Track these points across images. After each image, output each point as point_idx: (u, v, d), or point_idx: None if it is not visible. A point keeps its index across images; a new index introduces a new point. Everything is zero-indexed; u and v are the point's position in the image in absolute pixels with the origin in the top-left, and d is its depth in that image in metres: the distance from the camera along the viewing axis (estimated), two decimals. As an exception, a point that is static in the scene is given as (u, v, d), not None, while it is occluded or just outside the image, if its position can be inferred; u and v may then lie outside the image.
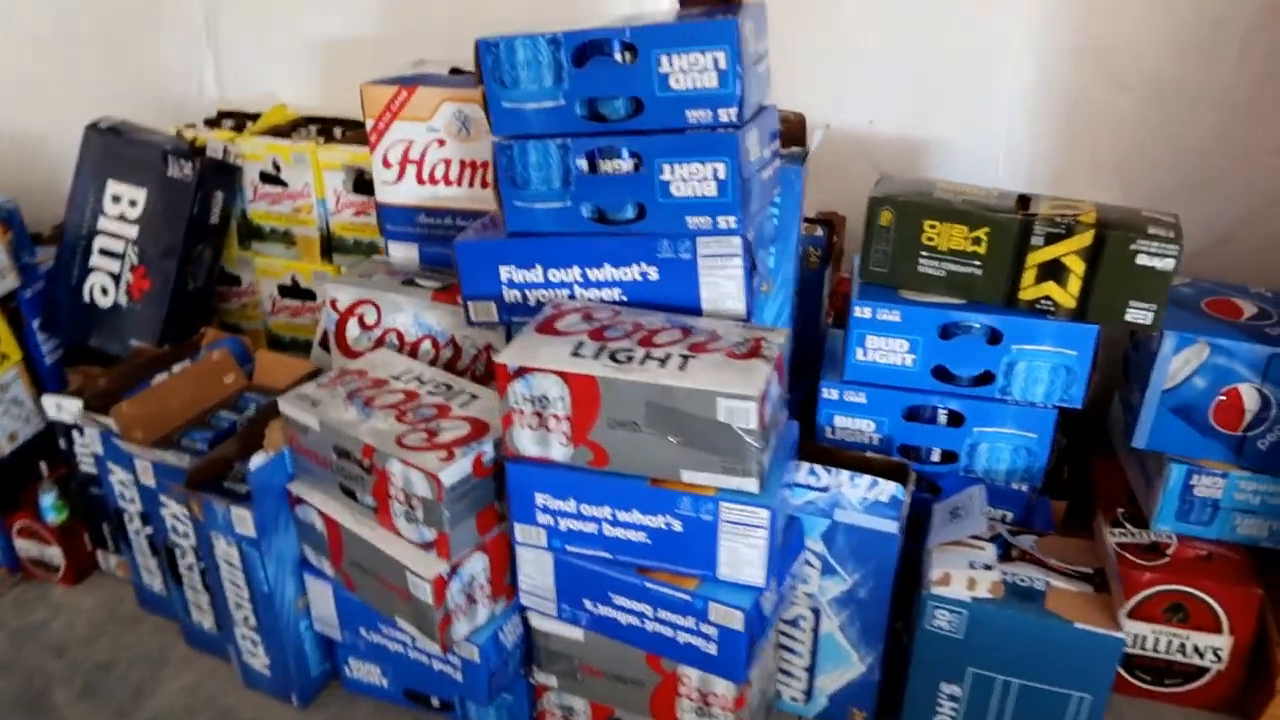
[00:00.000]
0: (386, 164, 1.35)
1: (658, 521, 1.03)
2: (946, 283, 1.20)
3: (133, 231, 1.60)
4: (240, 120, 1.83)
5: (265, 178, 1.67)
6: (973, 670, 1.15)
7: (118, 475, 1.39)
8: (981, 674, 1.15)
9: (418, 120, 1.31)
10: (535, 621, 1.17)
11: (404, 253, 1.41)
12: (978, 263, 1.18)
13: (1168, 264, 1.10)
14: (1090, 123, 1.51)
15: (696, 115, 1.04)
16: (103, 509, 1.49)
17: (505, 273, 1.17)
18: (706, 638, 1.06)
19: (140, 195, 1.59)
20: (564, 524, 1.07)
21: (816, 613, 1.23)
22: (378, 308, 1.32)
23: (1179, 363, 1.22)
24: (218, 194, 1.64)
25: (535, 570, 1.13)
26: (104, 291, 1.62)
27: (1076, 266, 1.14)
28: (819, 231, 1.39)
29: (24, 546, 1.57)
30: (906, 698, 1.19)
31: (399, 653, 1.24)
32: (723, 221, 1.07)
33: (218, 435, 1.32)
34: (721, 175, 1.04)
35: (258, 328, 1.80)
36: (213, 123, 1.84)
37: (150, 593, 1.49)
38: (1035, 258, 1.15)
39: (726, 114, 1.03)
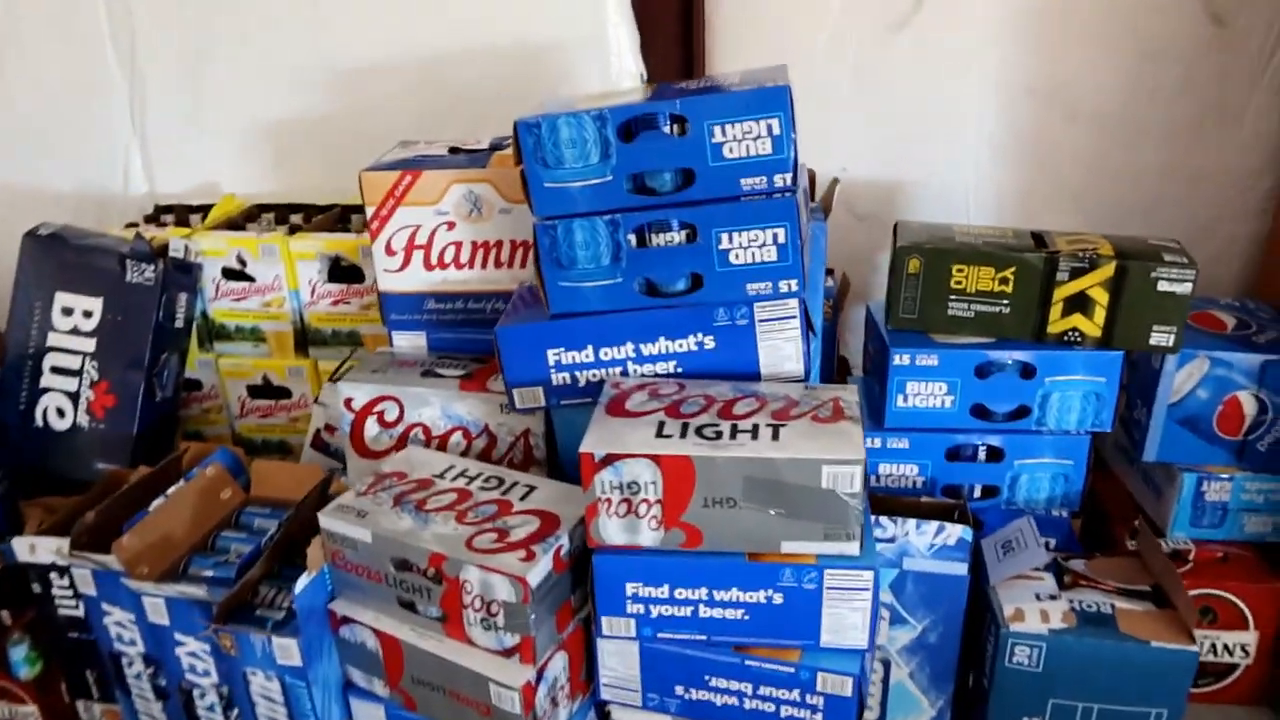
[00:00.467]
0: (390, 251, 1.29)
1: (758, 597, 1.01)
2: (976, 323, 1.23)
3: (90, 345, 1.47)
4: (181, 214, 1.72)
5: (229, 274, 1.57)
6: (1053, 701, 1.17)
7: (115, 616, 1.26)
8: (1062, 704, 1.17)
9: (425, 204, 1.26)
10: (617, 714, 1.12)
11: (410, 341, 1.35)
12: (1005, 301, 1.21)
13: (1186, 287, 1.17)
14: (1049, 156, 1.59)
15: (751, 182, 1.04)
16: (89, 655, 1.34)
17: (553, 356, 1.13)
18: (813, 709, 1.03)
19: (96, 305, 1.47)
20: (655, 610, 1.04)
21: (886, 664, 1.22)
22: (400, 403, 1.25)
23: (1182, 377, 1.29)
24: (181, 296, 1.53)
25: (618, 662, 1.09)
26: (60, 413, 1.48)
27: (1101, 298, 1.19)
28: (830, 282, 1.41)
29: (-10, 708, 1.40)
30: (987, 736, 1.20)
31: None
32: (784, 285, 1.06)
33: (241, 561, 1.22)
34: (782, 240, 1.04)
35: (222, 433, 1.68)
36: (152, 219, 1.72)
37: (151, 741, 1.35)
38: (1061, 292, 1.20)
39: (781, 179, 1.03)
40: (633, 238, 1.07)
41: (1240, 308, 1.41)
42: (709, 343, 1.10)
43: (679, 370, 1.12)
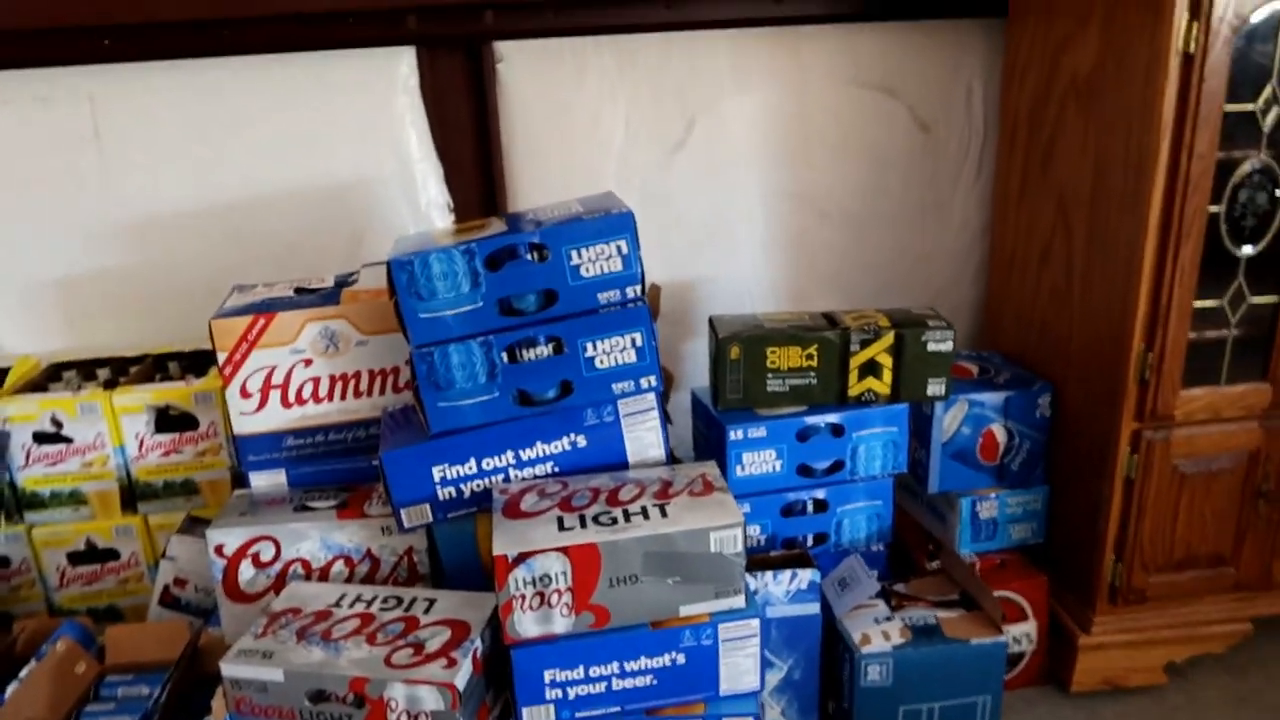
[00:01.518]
0: (245, 394, 1.31)
1: (663, 660, 1.12)
2: (791, 395, 1.44)
3: (-110, 534, 1.35)
4: (-34, 380, 1.61)
5: (41, 438, 1.50)
6: (903, 708, 1.36)
7: (-28, 823, 1.16)
8: (911, 709, 1.36)
9: (280, 345, 1.30)
10: (542, 801, 1.18)
11: (269, 480, 1.36)
12: (813, 374, 1.43)
13: (949, 345, 1.44)
14: (810, 248, 1.87)
15: (607, 296, 1.19)
16: None
17: (438, 472, 1.20)
18: (723, 754, 1.15)
19: (-105, 489, 1.35)
20: (573, 692, 1.12)
21: (761, 705, 1.37)
22: (276, 542, 1.26)
23: (949, 419, 1.56)
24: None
25: (538, 750, 1.16)
26: None
27: (886, 361, 1.43)
28: (657, 373, 1.58)
29: None
30: (854, 753, 1.37)
31: None
32: (644, 382, 1.21)
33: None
34: (639, 343, 1.20)
35: (37, 608, 1.57)
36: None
37: None
38: (856, 360, 1.43)
39: (633, 290, 1.19)
40: (505, 355, 1.18)
41: (978, 357, 1.73)
42: (581, 441, 1.23)
43: (556, 470, 1.23)
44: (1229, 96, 1.31)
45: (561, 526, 1.10)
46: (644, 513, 1.11)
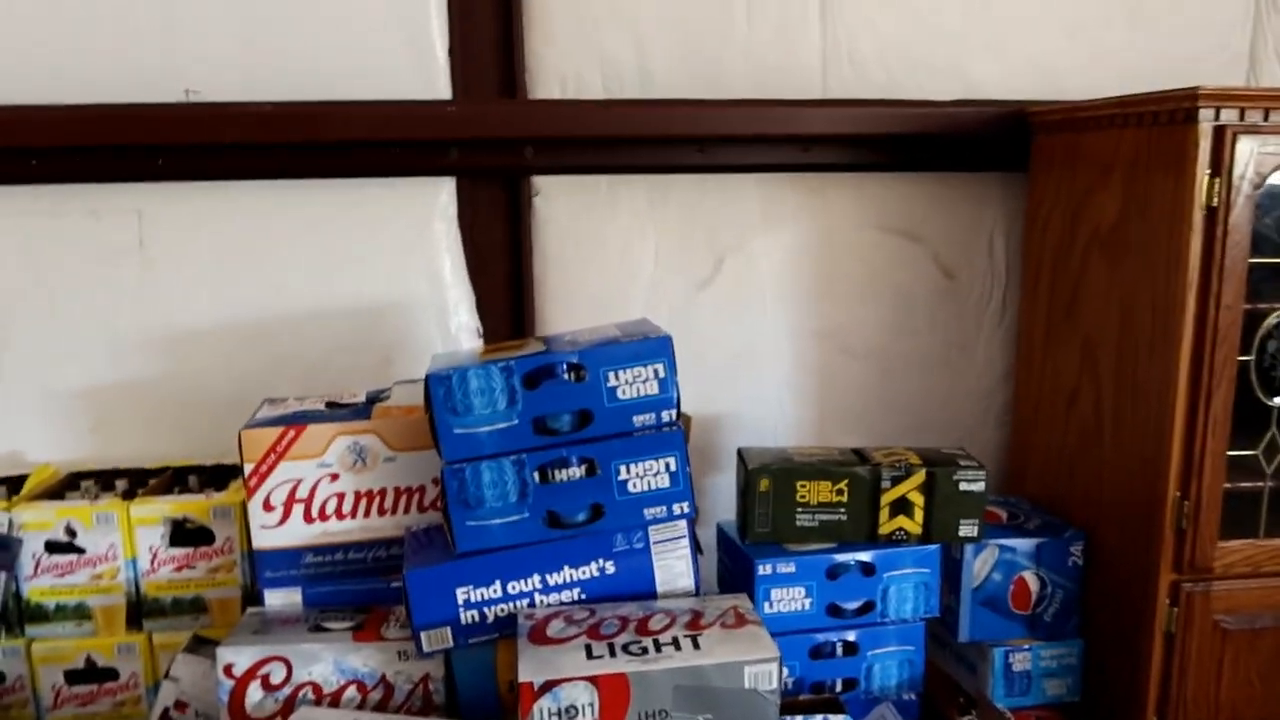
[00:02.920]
0: (269, 507, 1.29)
1: (692, 806, 1.06)
2: (820, 531, 1.41)
3: (-114, 642, 1.30)
4: (-22, 488, 1.59)
5: (53, 547, 1.46)
6: None
7: None
8: None
9: (308, 458, 1.29)
10: None
11: (284, 599, 1.32)
12: (843, 510, 1.41)
13: (981, 486, 1.42)
14: (835, 386, 1.88)
15: (642, 419, 1.18)
16: None
17: (462, 594, 1.17)
18: None
19: (-101, 595, 1.31)
20: (596, 838, 1.05)
21: None
22: (288, 663, 1.21)
23: (979, 565, 1.53)
24: (1, 575, 1.40)
25: None
26: None
27: (918, 500, 1.41)
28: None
29: None
30: None
31: None
32: (677, 507, 1.19)
33: None
34: (673, 468, 1.18)
35: (25, 731, 1.49)
36: (-52, 492, 1.58)
37: None
38: (887, 498, 1.41)
39: (668, 414, 1.19)
40: (536, 475, 1.17)
41: (1006, 502, 1.70)
42: (609, 568, 1.20)
43: (582, 596, 1.19)
44: (1253, 250, 1.34)
45: (590, 655, 1.06)
46: (675, 643, 1.08)
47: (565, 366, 1.17)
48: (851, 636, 1.41)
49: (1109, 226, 1.50)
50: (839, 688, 1.42)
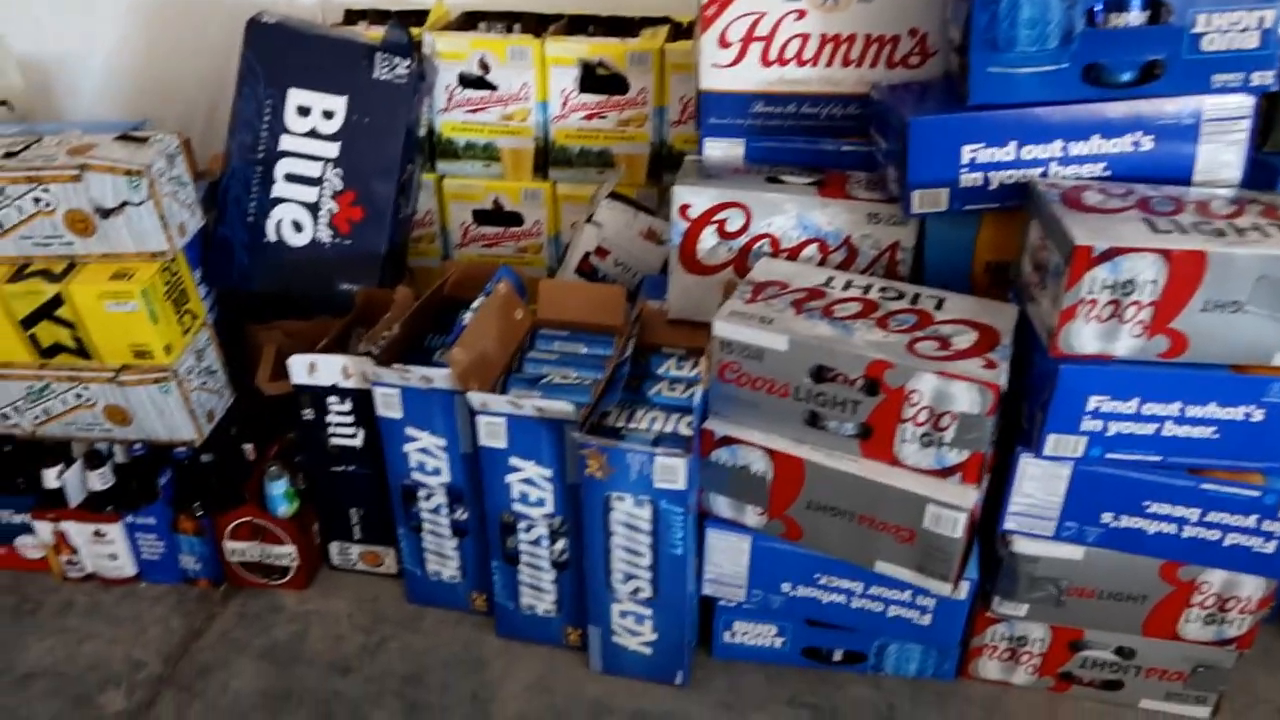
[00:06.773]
0: (724, 43, 1.14)
1: (1235, 413, 0.93)
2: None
3: (331, 150, 1.29)
4: (376, 21, 1.52)
5: (466, 81, 1.40)
6: None
7: (421, 442, 1.12)
8: None
9: (776, -12, 1.11)
10: (1020, 546, 1.04)
11: (725, 150, 1.20)
12: None
13: None
14: None
15: (1239, -52, 0.92)
16: (358, 491, 1.21)
17: (969, 153, 1.01)
18: (1267, 536, 0.97)
19: (339, 104, 1.29)
20: (1114, 428, 0.95)
21: None
22: (748, 211, 1.12)
23: None
24: (425, 100, 1.35)
25: (1039, 487, 1.00)
26: (296, 227, 1.31)
27: None
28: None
29: (238, 549, 1.26)
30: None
31: (835, 603, 1.08)
32: (1255, 78, 0.96)
33: (612, 377, 1.09)
34: (1269, 23, 0.93)
35: (430, 264, 1.52)
36: (351, 21, 1.52)
37: (431, 583, 1.23)
38: None
39: (1277, -52, 0.92)
40: (1084, 17, 0.95)
41: None
42: (1146, 143, 1.00)
43: (1108, 173, 1.01)
44: None
45: (1154, 229, 0.89)
46: (1259, 229, 0.89)
47: None
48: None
49: None
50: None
